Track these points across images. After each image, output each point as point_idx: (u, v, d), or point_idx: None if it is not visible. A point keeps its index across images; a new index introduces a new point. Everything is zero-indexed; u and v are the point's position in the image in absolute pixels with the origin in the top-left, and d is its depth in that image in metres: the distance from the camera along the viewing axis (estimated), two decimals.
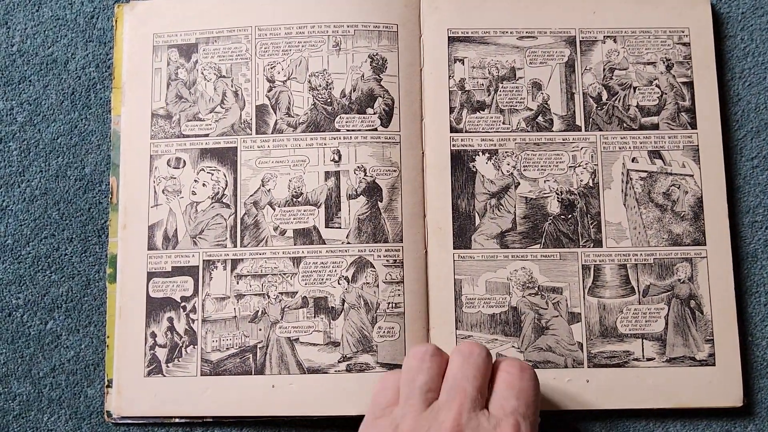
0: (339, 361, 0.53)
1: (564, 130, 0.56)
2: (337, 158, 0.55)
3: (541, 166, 0.55)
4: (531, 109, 0.56)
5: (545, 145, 0.56)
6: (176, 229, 0.54)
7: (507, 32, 0.57)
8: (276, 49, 0.56)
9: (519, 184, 0.55)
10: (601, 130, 0.56)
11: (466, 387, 0.44)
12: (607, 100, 0.56)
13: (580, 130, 0.56)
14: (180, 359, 0.53)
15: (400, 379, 0.47)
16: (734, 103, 0.57)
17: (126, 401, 0.53)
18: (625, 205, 0.55)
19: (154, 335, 0.53)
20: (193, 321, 0.53)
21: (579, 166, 0.55)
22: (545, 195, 0.55)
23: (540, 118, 0.56)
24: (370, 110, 0.55)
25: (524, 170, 0.55)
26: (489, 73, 0.57)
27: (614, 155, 0.56)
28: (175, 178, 0.55)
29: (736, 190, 0.56)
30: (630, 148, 0.56)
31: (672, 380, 0.53)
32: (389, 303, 0.53)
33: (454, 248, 0.54)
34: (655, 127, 0.56)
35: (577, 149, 0.56)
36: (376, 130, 0.55)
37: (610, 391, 0.53)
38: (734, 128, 0.57)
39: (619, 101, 0.56)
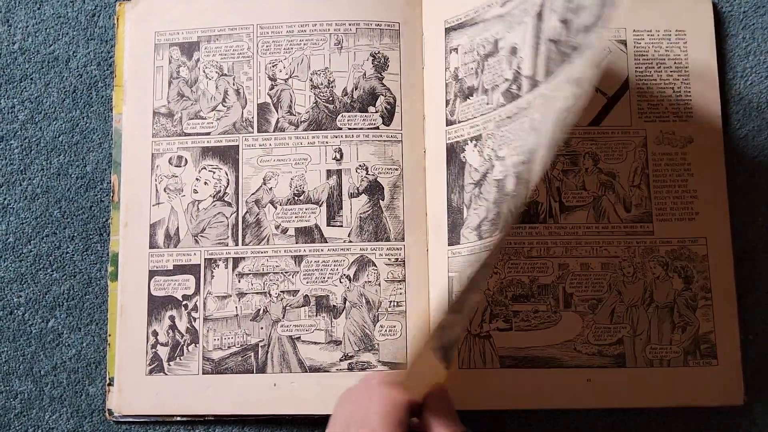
0: (340, 360, 0.53)
1: (529, 91, 0.51)
2: (338, 156, 0.55)
3: (511, 141, 0.52)
4: (508, 80, 0.52)
5: (516, 116, 0.52)
6: (178, 228, 0.54)
7: (493, 4, 0.54)
8: (278, 47, 0.56)
9: (494, 167, 0.53)
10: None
11: None
12: None
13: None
14: (181, 358, 0.53)
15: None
16: (736, 102, 0.57)
17: (127, 399, 0.53)
18: None
19: (155, 334, 0.53)
20: (195, 319, 0.53)
21: None
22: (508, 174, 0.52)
23: (513, 87, 0.52)
24: (371, 108, 0.55)
25: (498, 150, 0.52)
26: (477, 54, 0.54)
27: None
28: (176, 176, 0.55)
29: (737, 189, 0.56)
30: None
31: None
32: (391, 301, 0.53)
33: (449, 244, 0.54)
34: None
35: None
36: (377, 128, 0.55)
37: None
38: (735, 127, 0.57)
39: None
